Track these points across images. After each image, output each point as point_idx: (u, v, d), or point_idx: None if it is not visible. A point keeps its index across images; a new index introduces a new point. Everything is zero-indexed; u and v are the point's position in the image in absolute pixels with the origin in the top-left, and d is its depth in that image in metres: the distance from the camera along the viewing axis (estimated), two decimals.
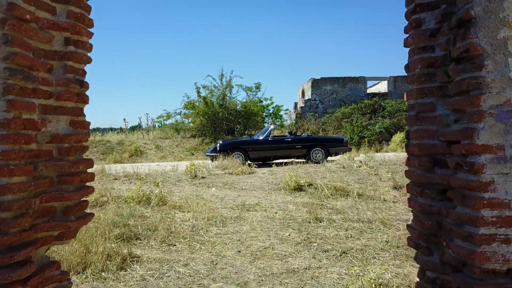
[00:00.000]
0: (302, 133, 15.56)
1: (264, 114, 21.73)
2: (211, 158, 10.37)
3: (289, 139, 10.82)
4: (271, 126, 11.50)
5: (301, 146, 10.65)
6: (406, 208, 5.12)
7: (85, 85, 1.82)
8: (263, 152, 10.59)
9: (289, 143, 10.71)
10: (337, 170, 8.10)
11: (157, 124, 22.99)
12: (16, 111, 1.45)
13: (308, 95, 21.63)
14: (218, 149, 10.44)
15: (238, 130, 18.79)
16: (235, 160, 9.53)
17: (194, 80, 51.43)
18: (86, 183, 1.86)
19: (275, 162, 10.12)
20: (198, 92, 19.64)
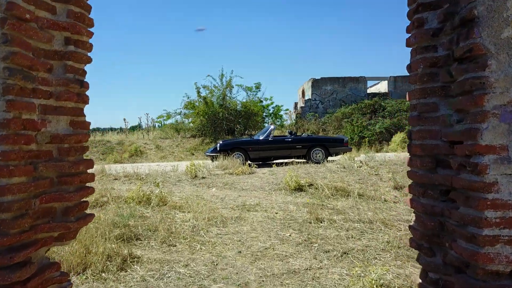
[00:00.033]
0: (302, 133, 15.55)
1: (264, 114, 21.73)
2: (211, 158, 10.36)
3: (289, 139, 10.80)
4: (271, 126, 11.49)
5: (301, 146, 10.64)
6: (407, 209, 5.11)
7: (85, 85, 1.81)
8: (264, 152, 10.58)
9: (289, 143, 10.70)
10: (338, 170, 8.09)
11: (157, 124, 23.02)
12: (16, 111, 1.44)
13: (308, 95, 21.63)
14: (218, 149, 10.43)
15: (238, 130, 18.78)
16: (235, 160, 9.51)
17: (194, 80, 51.45)
18: (86, 184, 1.85)
19: (276, 162, 10.11)
20: (198, 92, 19.66)
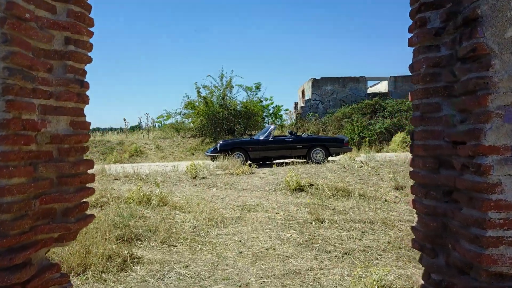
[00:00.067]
0: (303, 133, 15.55)
1: (264, 114, 21.73)
2: (212, 158, 10.35)
3: (290, 139, 10.79)
4: (272, 126, 11.49)
5: (302, 146, 10.63)
6: (408, 209, 5.10)
7: (85, 85, 1.80)
8: (264, 152, 10.57)
9: (290, 143, 10.69)
10: (338, 171, 8.08)
11: (157, 124, 23.02)
12: (16, 112, 1.43)
13: (309, 95, 21.62)
14: (219, 149, 10.42)
15: (239, 130, 18.78)
16: (236, 160, 9.50)
17: (194, 80, 51.34)
18: (87, 184, 1.84)
19: (276, 162, 10.10)
20: (198, 92, 19.66)
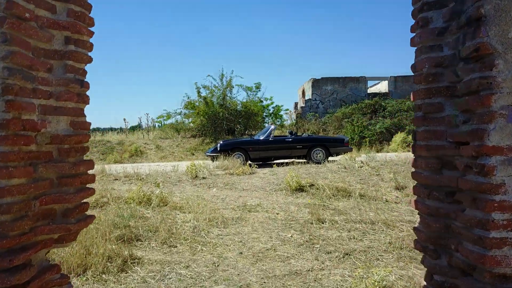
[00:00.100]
0: (303, 133, 15.54)
1: (264, 114, 21.71)
2: (212, 158, 10.34)
3: (290, 139, 10.78)
4: (272, 126, 11.47)
5: (302, 146, 10.62)
6: (409, 209, 5.09)
7: (86, 85, 1.79)
8: (264, 152, 10.56)
9: (290, 143, 10.68)
10: (339, 171, 8.07)
11: (157, 124, 23.00)
12: (15, 112, 1.42)
13: (309, 95, 21.61)
14: (219, 149, 10.41)
15: (239, 130, 18.77)
16: (236, 160, 9.49)
17: (195, 80, 51.28)
18: (87, 185, 1.83)
19: (276, 163, 10.09)
20: (199, 92, 19.65)
